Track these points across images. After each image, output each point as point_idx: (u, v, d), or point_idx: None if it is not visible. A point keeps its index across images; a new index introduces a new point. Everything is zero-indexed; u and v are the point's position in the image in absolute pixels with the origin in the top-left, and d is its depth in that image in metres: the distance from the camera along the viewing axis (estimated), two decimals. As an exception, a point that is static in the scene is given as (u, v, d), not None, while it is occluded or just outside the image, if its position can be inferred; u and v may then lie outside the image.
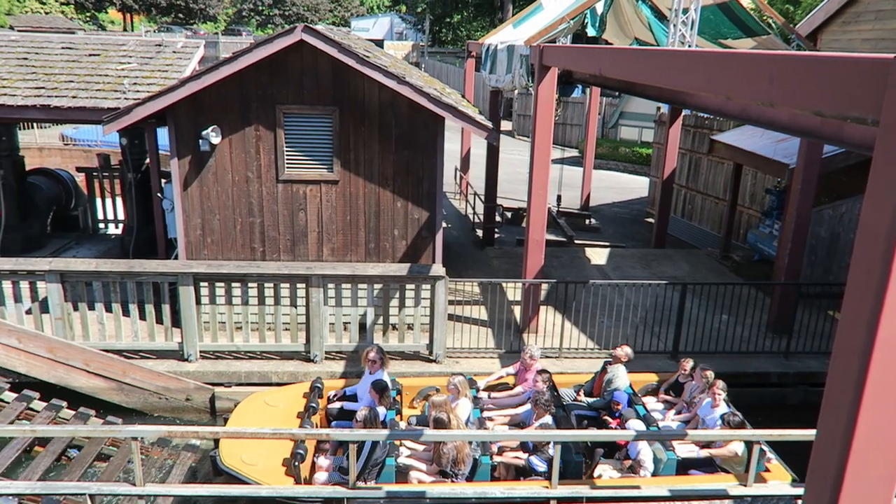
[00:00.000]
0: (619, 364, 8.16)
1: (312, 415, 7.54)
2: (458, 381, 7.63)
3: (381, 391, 7.38)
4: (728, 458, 7.06)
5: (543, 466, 6.75)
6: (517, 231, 16.21)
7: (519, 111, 33.99)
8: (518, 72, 11.07)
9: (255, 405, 7.83)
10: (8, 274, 8.76)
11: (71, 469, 7.22)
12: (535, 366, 8.17)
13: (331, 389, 8.27)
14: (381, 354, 7.89)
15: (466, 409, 7.52)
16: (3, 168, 11.53)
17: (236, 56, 8.73)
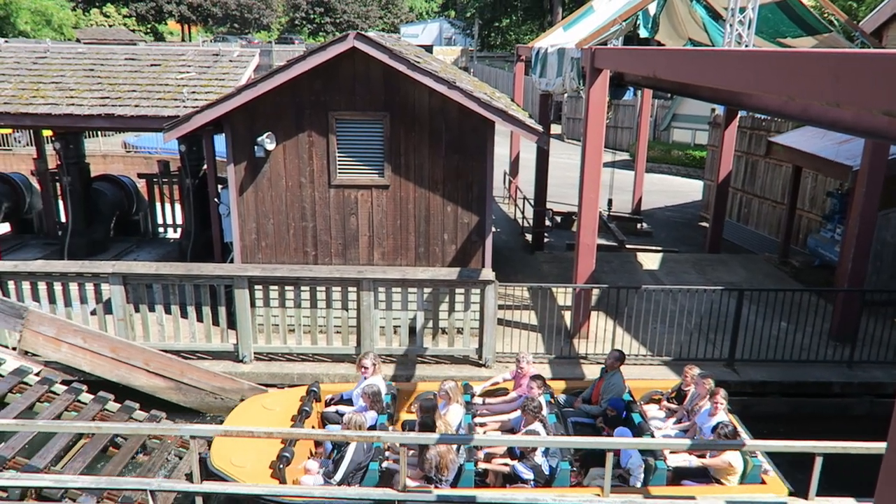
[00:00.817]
0: (615, 371, 8.05)
1: (306, 418, 7.61)
2: (449, 387, 7.64)
3: (372, 396, 7.47)
4: (721, 469, 6.85)
5: (529, 474, 6.68)
6: (567, 235, 16.06)
7: (569, 114, 33.71)
8: (569, 75, 10.98)
9: (253, 408, 7.96)
10: (75, 276, 9.13)
11: (114, 460, 7.49)
12: (529, 371, 8.05)
13: (328, 393, 8.36)
14: (374, 360, 7.94)
15: (457, 414, 7.54)
16: (71, 175, 12.04)
17: (291, 64, 8.91)
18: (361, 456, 6.75)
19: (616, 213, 17.71)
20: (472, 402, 8.12)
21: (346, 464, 6.65)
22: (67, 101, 10.47)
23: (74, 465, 7.12)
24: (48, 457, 7.15)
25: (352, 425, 6.73)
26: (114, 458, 7.47)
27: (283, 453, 6.80)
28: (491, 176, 9.62)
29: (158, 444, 8.01)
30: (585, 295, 9.97)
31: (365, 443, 6.77)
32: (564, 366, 9.51)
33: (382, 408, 7.58)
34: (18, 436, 7.34)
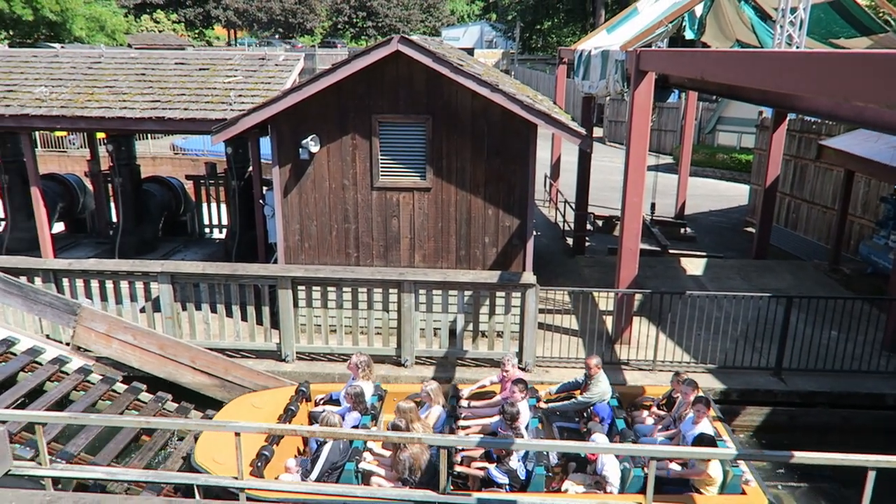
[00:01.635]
0: (598, 375, 7.97)
1: (292, 417, 7.75)
2: (430, 389, 7.72)
3: (355, 397, 7.59)
4: (700, 478, 6.70)
5: (503, 478, 6.65)
6: (608, 240, 15.88)
7: (610, 117, 33.36)
8: (612, 77, 10.88)
9: (243, 406, 8.10)
10: (125, 275, 9.39)
11: (143, 451, 7.72)
12: (514, 375, 7.99)
13: (318, 393, 8.49)
14: (357, 362, 8.04)
15: (438, 417, 7.61)
16: (122, 176, 12.41)
17: (335, 67, 9.02)
18: (337, 456, 6.88)
19: (659, 218, 17.45)
20: (456, 405, 8.17)
21: (321, 463, 6.80)
22: (120, 105, 10.78)
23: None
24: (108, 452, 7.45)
25: (322, 423, 6.88)
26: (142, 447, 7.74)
27: (262, 451, 6.94)
28: (533, 179, 9.58)
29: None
30: (628, 300, 9.85)
31: (341, 443, 6.97)
32: (606, 371, 9.36)
33: (366, 408, 7.73)
34: (83, 432, 7.62)
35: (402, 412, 7.01)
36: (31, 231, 11.94)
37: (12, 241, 12.51)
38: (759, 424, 9.03)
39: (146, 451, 7.69)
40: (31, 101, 10.89)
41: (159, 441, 7.94)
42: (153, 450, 7.73)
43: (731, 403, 8.99)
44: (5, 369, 8.16)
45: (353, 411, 7.65)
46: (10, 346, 8.86)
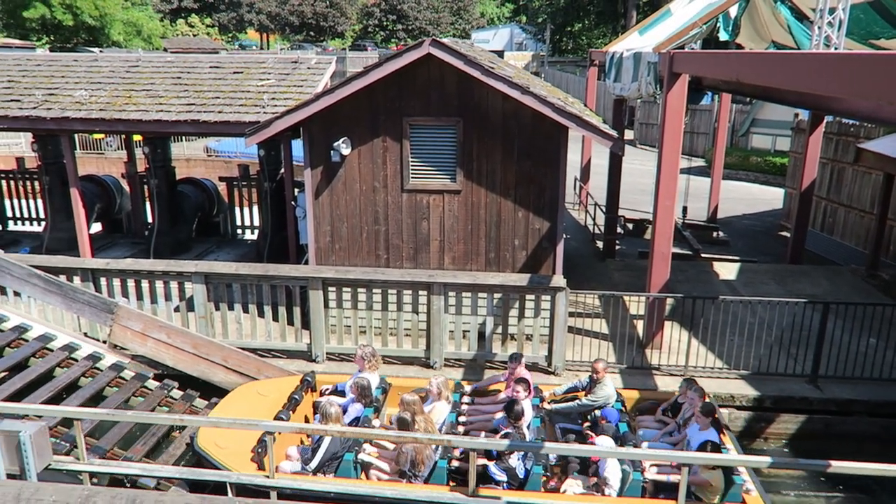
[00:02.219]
0: (604, 379, 7.90)
1: (295, 405, 7.87)
2: (438, 383, 7.79)
3: (360, 389, 7.69)
4: (701, 486, 6.57)
5: (502, 476, 6.65)
6: (639, 243, 15.73)
7: (641, 120, 33.05)
8: (645, 79, 10.78)
9: (248, 393, 8.25)
10: (161, 274, 9.57)
11: (175, 445, 7.89)
12: (519, 374, 7.98)
13: (324, 384, 8.60)
14: (363, 354, 8.19)
15: (442, 412, 7.63)
16: (158, 178, 12.64)
17: (367, 70, 9.09)
18: (337, 446, 6.96)
19: (691, 221, 17.23)
20: (459, 401, 8.15)
21: (321, 452, 6.87)
22: (157, 108, 10.99)
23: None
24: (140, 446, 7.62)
25: (322, 412, 7.03)
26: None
27: (263, 438, 7.00)
28: (563, 182, 9.54)
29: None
30: (659, 304, 9.74)
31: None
32: (636, 376, 9.31)
33: (370, 401, 7.80)
34: (116, 428, 7.80)
35: (406, 404, 7.08)
36: (70, 231, 12.23)
37: (52, 241, 12.82)
38: (793, 432, 8.86)
39: (177, 447, 7.82)
40: (71, 104, 11.16)
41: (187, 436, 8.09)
42: (180, 446, 7.86)
43: (764, 410, 8.84)
44: (43, 364, 8.36)
45: (356, 402, 7.76)
46: (47, 342, 9.07)
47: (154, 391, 8.95)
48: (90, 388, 8.60)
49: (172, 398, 8.96)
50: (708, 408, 7.06)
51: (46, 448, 5.90)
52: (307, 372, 8.72)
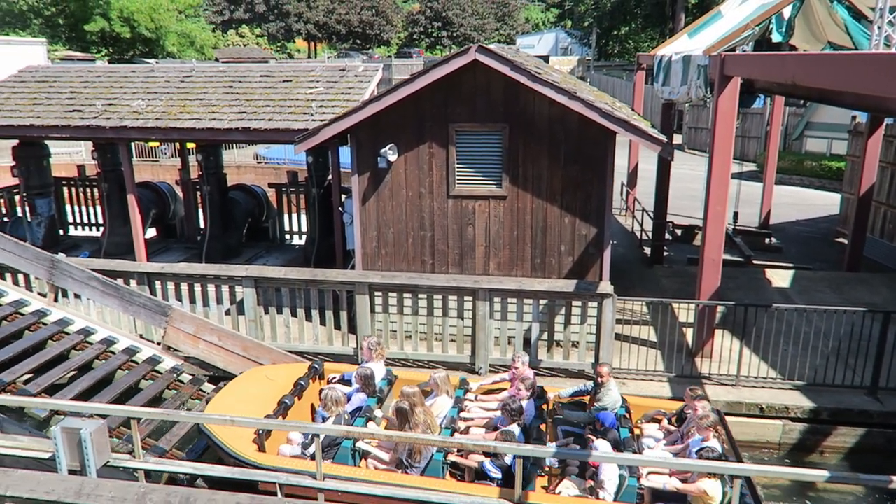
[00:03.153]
0: (608, 383, 7.77)
1: (300, 392, 8.04)
2: (438, 378, 7.89)
3: (364, 379, 7.84)
4: (697, 496, 6.37)
5: (497, 473, 6.67)
6: (688, 249, 15.43)
7: (690, 124, 32.46)
8: (695, 83, 10.59)
9: (257, 377, 8.48)
10: (212, 278, 9.82)
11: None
12: (524, 373, 7.96)
13: (332, 372, 8.76)
14: (370, 345, 8.35)
15: (443, 406, 7.71)
16: (210, 184, 12.98)
17: (414, 77, 9.17)
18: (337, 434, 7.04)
19: (742, 227, 16.82)
20: (463, 397, 8.19)
21: (320, 437, 6.92)
22: (209, 116, 11.30)
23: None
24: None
25: (324, 398, 7.27)
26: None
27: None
28: (611, 187, 9.44)
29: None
30: (709, 312, 9.53)
31: (341, 420, 7.21)
32: (685, 385, 9.08)
33: (373, 391, 7.94)
34: (175, 428, 8.07)
35: (406, 396, 7.19)
36: (127, 236, 12.65)
37: (110, 246, 13.28)
38: (852, 446, 8.55)
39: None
40: (129, 113, 11.57)
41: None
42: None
43: (821, 423, 8.56)
44: (107, 366, 8.66)
45: (360, 392, 7.90)
46: (110, 344, 9.39)
47: (210, 394, 9.16)
48: (151, 390, 8.86)
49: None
50: (706, 420, 6.92)
51: (105, 446, 6.10)
52: (315, 360, 8.90)
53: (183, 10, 52.81)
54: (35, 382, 8.03)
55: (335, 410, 7.34)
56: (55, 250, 10.97)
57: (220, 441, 6.99)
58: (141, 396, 8.63)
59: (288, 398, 7.82)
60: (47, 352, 8.69)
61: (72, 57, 40.48)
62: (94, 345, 9.11)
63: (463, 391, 8.33)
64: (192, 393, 9.03)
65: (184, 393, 8.96)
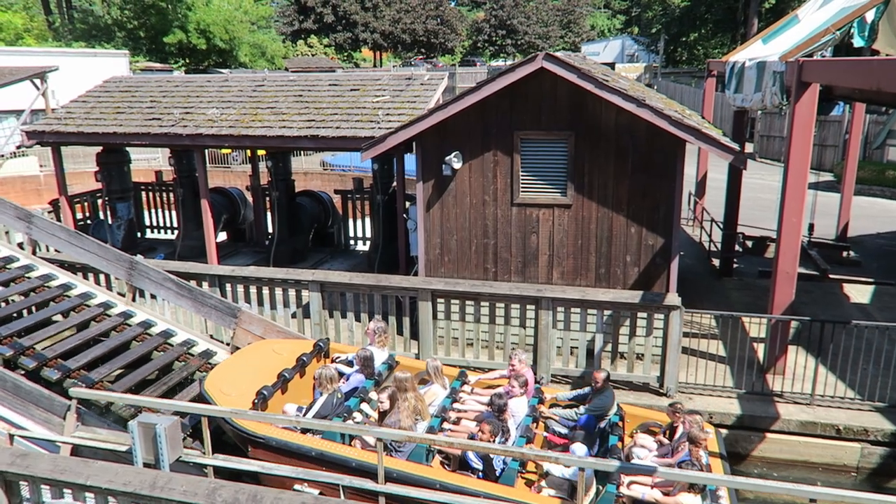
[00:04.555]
0: (605, 389, 7.74)
1: (302, 367, 8.23)
2: (433, 367, 8.01)
3: (363, 360, 7.98)
4: None
5: (478, 464, 6.74)
6: (759, 262, 14.90)
7: (762, 132, 31.38)
8: (770, 90, 10.23)
9: (264, 349, 8.70)
10: (280, 282, 10.07)
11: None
12: (520, 371, 7.94)
13: (338, 352, 8.95)
14: (375, 329, 8.53)
15: (436, 394, 7.87)
16: (279, 190, 13.34)
17: (480, 85, 9.20)
18: (328, 410, 7.27)
19: (818, 240, 16.14)
20: (459, 389, 8.21)
21: (311, 413, 7.25)
22: (280, 124, 11.63)
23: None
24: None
25: (319, 376, 7.50)
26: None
27: (262, 390, 7.38)
28: (679, 197, 9.23)
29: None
30: (783, 327, 9.17)
31: (334, 398, 7.39)
32: (755, 402, 8.81)
33: (372, 373, 8.07)
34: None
35: (399, 381, 7.33)
36: (199, 239, 13.13)
37: (184, 248, 13.80)
38: (938, 473, 8.07)
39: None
40: (204, 121, 12.02)
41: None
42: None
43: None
44: (185, 368, 8.96)
45: (359, 373, 8.03)
46: (189, 347, 9.72)
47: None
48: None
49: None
50: (693, 436, 6.77)
51: (178, 441, 6.33)
52: (320, 339, 9.07)
53: (255, 21, 54.62)
54: (122, 381, 8.39)
55: (329, 388, 7.54)
56: (133, 252, 11.45)
57: (216, 404, 7.26)
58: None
59: (288, 371, 8.05)
60: (132, 352, 9.06)
61: (151, 68, 42.41)
62: (174, 347, 9.44)
63: (460, 383, 8.42)
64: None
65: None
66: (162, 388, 8.35)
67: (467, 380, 8.57)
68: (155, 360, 9.05)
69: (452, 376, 8.51)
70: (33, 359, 8.22)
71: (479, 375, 8.73)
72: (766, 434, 8.61)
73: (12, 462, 5.29)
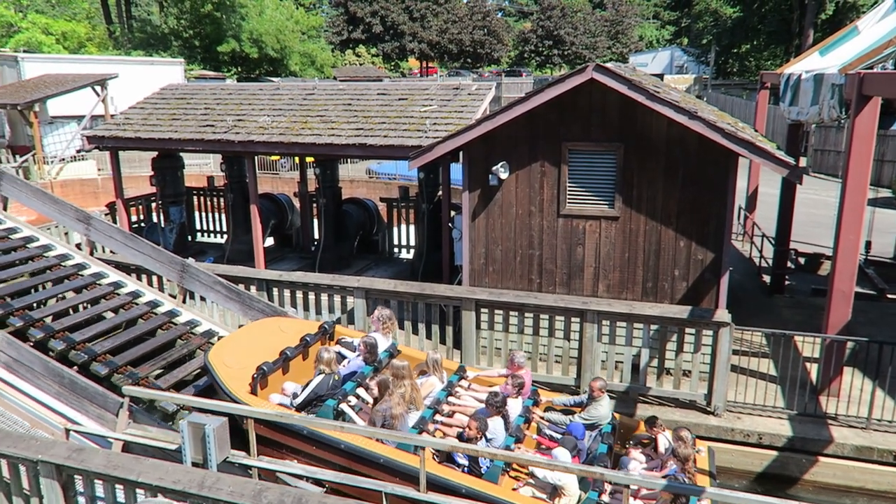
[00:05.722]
0: (600, 398, 7.63)
1: (304, 347, 8.34)
2: (432, 359, 8.06)
3: (367, 347, 8.02)
4: None
5: (464, 460, 6.76)
6: (812, 279, 14.45)
7: (817, 146, 30.49)
8: (828, 103, 9.96)
9: (272, 326, 8.82)
10: (326, 287, 10.20)
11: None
12: (520, 371, 7.97)
13: (343, 335, 8.97)
14: (380, 317, 8.55)
15: (432, 386, 7.89)
16: (326, 197, 13.52)
17: (529, 96, 9.19)
18: (324, 389, 7.38)
19: (876, 258, 15.58)
20: (456, 383, 8.19)
21: (307, 392, 7.38)
22: (329, 132, 11.80)
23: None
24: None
25: (317, 356, 7.67)
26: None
27: (262, 366, 7.54)
28: (731, 211, 9.04)
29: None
30: (838, 348, 8.87)
31: (330, 378, 7.47)
32: (807, 424, 8.55)
33: (372, 360, 8.06)
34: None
35: (394, 368, 7.39)
36: (248, 244, 13.39)
37: (232, 253, 14.10)
38: None
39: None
40: (255, 129, 12.28)
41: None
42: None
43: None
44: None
45: (359, 357, 8.12)
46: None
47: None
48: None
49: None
50: (680, 454, 6.74)
51: (226, 442, 6.44)
52: (326, 322, 9.12)
53: (306, 31, 55.70)
54: (164, 378, 8.62)
55: (327, 369, 7.61)
56: (184, 255, 11.74)
57: (218, 378, 7.42)
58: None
59: (290, 350, 8.15)
60: (176, 350, 9.30)
61: (205, 76, 43.58)
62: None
63: (458, 377, 8.40)
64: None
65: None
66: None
67: (466, 375, 8.61)
68: (198, 358, 9.26)
69: (452, 370, 8.56)
70: (84, 353, 8.53)
71: (478, 372, 8.78)
72: (819, 458, 8.34)
73: (68, 456, 5.47)
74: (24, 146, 26.15)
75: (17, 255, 10.43)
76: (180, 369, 8.84)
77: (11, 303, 9.18)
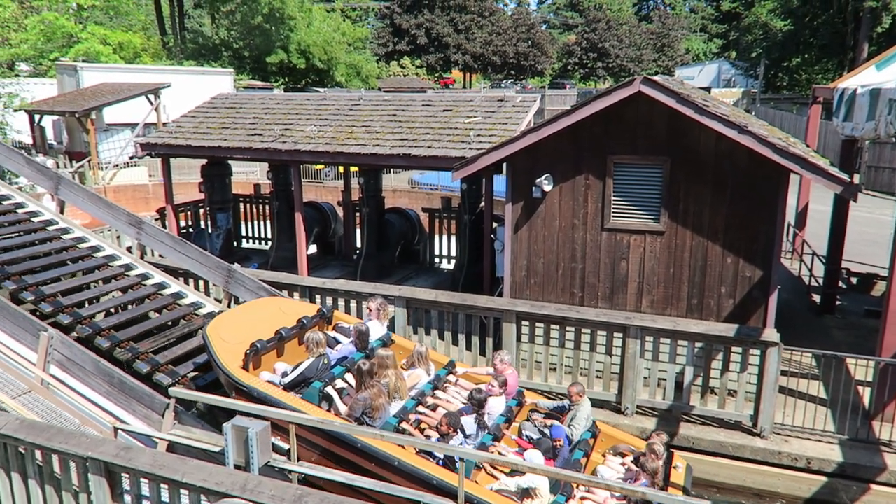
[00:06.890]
0: (581, 403, 7.68)
1: (300, 328, 8.43)
2: (418, 352, 8.19)
3: (358, 334, 8.14)
4: None
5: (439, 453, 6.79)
6: (864, 300, 13.97)
7: (870, 162, 29.57)
8: (885, 118, 9.67)
9: (272, 305, 9.06)
10: (368, 296, 10.24)
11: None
12: (506, 371, 8.01)
13: (341, 321, 9.15)
14: (378, 306, 8.75)
15: (418, 378, 7.99)
16: (369, 206, 13.66)
17: (574, 108, 9.15)
18: (313, 373, 7.55)
19: (933, 279, 14.98)
20: (443, 377, 8.27)
21: (296, 373, 7.58)
22: (373, 143, 11.93)
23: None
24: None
25: (305, 339, 7.88)
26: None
27: (255, 343, 7.72)
28: (781, 228, 8.83)
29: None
30: (893, 371, 8.56)
31: (320, 362, 7.62)
32: (859, 450, 8.25)
33: (363, 346, 8.14)
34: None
35: (379, 357, 7.52)
36: (292, 251, 13.59)
37: (277, 259, 14.32)
38: None
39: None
40: (302, 138, 12.49)
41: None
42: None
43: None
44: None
45: (351, 343, 8.23)
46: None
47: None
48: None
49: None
50: (648, 466, 6.71)
51: (268, 446, 6.51)
52: (325, 306, 9.22)
53: (352, 42, 56.57)
54: (203, 377, 8.82)
55: (315, 352, 7.73)
56: (230, 260, 11.98)
57: (213, 351, 7.68)
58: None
59: (285, 330, 8.27)
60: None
61: (254, 85, 44.58)
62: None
63: (446, 371, 8.40)
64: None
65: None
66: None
67: (454, 370, 8.61)
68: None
69: (441, 364, 8.60)
70: (127, 350, 8.82)
71: (467, 368, 8.80)
72: (871, 485, 8.04)
73: (116, 454, 5.60)
74: (81, 152, 27.12)
75: (69, 254, 10.84)
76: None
77: (61, 300, 9.54)
